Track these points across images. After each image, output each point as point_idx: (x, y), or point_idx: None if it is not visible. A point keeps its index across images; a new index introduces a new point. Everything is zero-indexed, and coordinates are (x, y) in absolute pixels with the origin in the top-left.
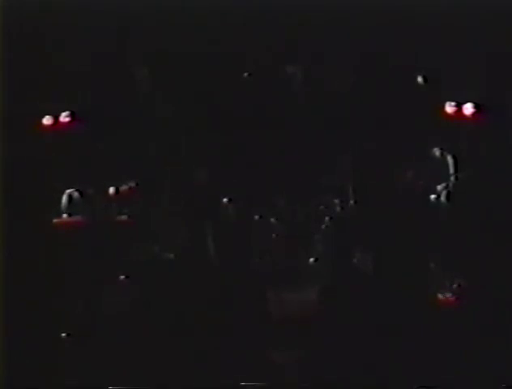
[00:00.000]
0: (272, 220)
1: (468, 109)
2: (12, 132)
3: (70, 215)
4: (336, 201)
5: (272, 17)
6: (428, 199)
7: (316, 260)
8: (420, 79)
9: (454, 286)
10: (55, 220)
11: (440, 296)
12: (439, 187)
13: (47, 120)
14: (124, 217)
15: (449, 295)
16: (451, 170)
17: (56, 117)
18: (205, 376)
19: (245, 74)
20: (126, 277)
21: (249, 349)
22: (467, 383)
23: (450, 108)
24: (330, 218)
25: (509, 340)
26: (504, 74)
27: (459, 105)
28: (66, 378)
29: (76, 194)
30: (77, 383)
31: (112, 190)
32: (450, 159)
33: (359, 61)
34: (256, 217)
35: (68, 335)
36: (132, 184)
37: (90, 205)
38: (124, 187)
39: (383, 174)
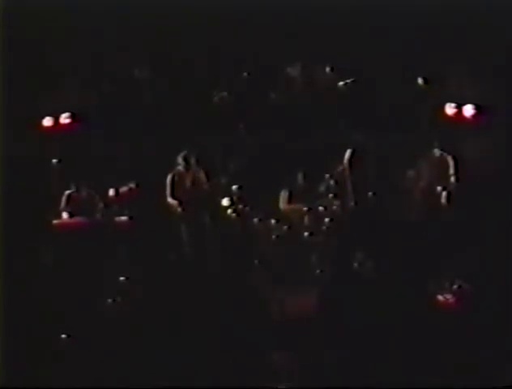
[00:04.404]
0: (272, 221)
1: (468, 110)
2: (13, 133)
3: (70, 216)
4: (336, 202)
5: (272, 17)
6: (429, 200)
7: (316, 262)
8: (420, 81)
9: (454, 287)
10: (55, 221)
11: (440, 297)
12: (439, 188)
13: (47, 121)
14: (124, 218)
15: (449, 296)
16: (451, 171)
17: (56, 119)
18: (205, 376)
19: (245, 74)
20: (126, 278)
21: (249, 349)
22: (467, 383)
23: (450, 109)
24: (331, 219)
25: (509, 341)
26: (504, 76)
27: (460, 107)
28: (66, 378)
29: (76, 196)
30: (76, 383)
31: (112, 191)
32: (450, 160)
33: (359, 62)
34: (256, 219)
35: (68, 336)
36: (132, 185)
37: (90, 206)
38: (124, 188)
39: (383, 175)
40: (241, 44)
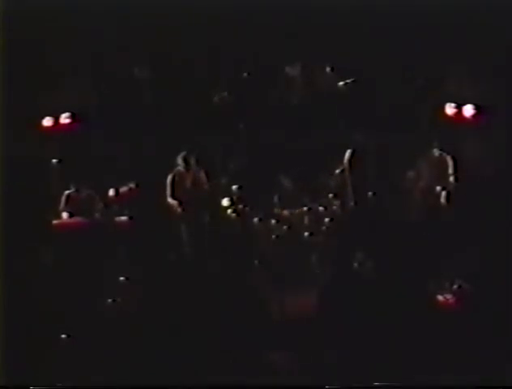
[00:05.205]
0: (272, 221)
1: (468, 110)
2: (13, 133)
3: (69, 216)
4: (336, 202)
5: (272, 17)
6: (429, 200)
7: (316, 262)
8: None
9: (454, 287)
10: (55, 221)
11: (440, 297)
12: (439, 188)
13: (47, 121)
14: (124, 218)
15: (449, 296)
16: (451, 171)
17: (56, 119)
18: (205, 376)
19: (245, 74)
20: (126, 278)
21: (249, 349)
22: (467, 383)
23: (450, 109)
24: (331, 219)
25: (509, 341)
26: (504, 76)
27: (460, 107)
28: (66, 378)
29: (76, 196)
30: (76, 383)
31: (112, 191)
32: (449, 160)
33: (359, 62)
34: (256, 219)
35: (68, 336)
36: (132, 185)
37: (90, 206)
38: (124, 188)
39: (383, 175)
40: (241, 44)
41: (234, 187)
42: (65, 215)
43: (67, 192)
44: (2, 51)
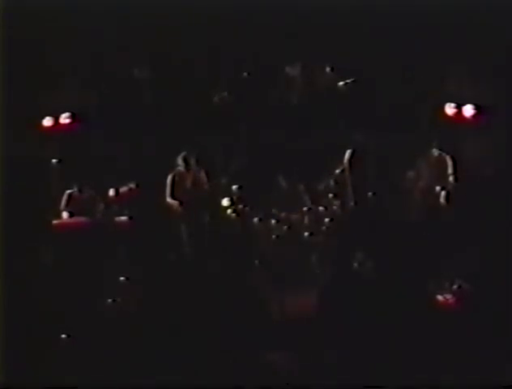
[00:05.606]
0: (272, 221)
1: (468, 110)
2: (13, 133)
3: (70, 216)
4: (336, 202)
5: (272, 17)
6: (429, 200)
7: (316, 262)
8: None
9: (454, 287)
10: (55, 221)
11: (440, 297)
12: (438, 188)
13: (47, 121)
14: (124, 218)
15: (449, 296)
16: (450, 171)
17: (56, 119)
18: (204, 376)
19: (245, 74)
20: (126, 278)
21: (249, 349)
22: (467, 383)
23: (450, 109)
24: (331, 219)
25: (509, 341)
26: (504, 76)
27: (460, 107)
28: (66, 378)
29: (76, 196)
30: (76, 383)
31: (112, 191)
32: (448, 159)
33: (359, 62)
34: (256, 219)
35: (68, 336)
36: (132, 185)
37: (90, 206)
38: (124, 188)
39: (383, 175)
40: (241, 44)
41: (234, 187)
42: (65, 215)
43: (67, 192)
44: (2, 51)
